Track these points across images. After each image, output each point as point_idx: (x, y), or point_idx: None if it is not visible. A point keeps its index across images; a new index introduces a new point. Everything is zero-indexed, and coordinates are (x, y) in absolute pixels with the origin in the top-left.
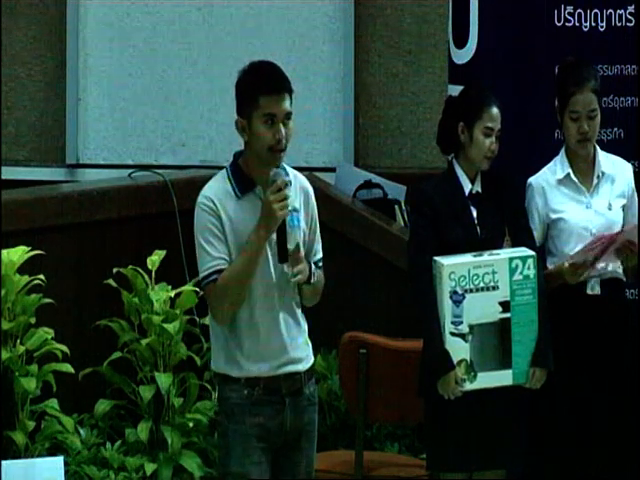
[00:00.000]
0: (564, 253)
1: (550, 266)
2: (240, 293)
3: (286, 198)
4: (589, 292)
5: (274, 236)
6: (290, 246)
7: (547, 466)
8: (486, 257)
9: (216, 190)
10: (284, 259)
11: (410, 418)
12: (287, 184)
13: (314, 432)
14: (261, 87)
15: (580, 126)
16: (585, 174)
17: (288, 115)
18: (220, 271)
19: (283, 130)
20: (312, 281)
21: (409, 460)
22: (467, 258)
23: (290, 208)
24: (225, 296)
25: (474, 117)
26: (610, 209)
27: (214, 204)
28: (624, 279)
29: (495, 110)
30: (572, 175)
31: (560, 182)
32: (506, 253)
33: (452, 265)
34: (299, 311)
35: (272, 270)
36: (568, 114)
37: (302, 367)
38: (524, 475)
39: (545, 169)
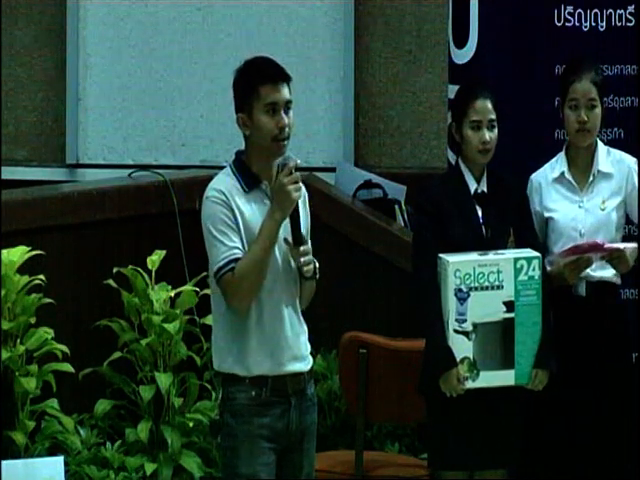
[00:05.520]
0: (554, 251)
1: (547, 266)
2: (258, 280)
3: (299, 180)
4: (574, 294)
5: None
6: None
7: (540, 467)
8: (492, 256)
9: (225, 184)
10: (299, 242)
11: (410, 418)
12: (297, 166)
13: (315, 433)
14: (260, 78)
15: (579, 114)
16: (582, 172)
17: (288, 103)
18: (236, 260)
19: (285, 118)
20: (317, 276)
21: (409, 460)
22: (473, 256)
23: None
24: (244, 284)
25: (461, 115)
26: (603, 209)
27: (225, 196)
28: (618, 282)
29: (480, 102)
30: (566, 173)
31: (555, 180)
32: (512, 253)
33: (458, 262)
34: (300, 310)
35: (279, 263)
36: (567, 104)
37: (305, 367)
38: (520, 474)
39: (546, 165)
